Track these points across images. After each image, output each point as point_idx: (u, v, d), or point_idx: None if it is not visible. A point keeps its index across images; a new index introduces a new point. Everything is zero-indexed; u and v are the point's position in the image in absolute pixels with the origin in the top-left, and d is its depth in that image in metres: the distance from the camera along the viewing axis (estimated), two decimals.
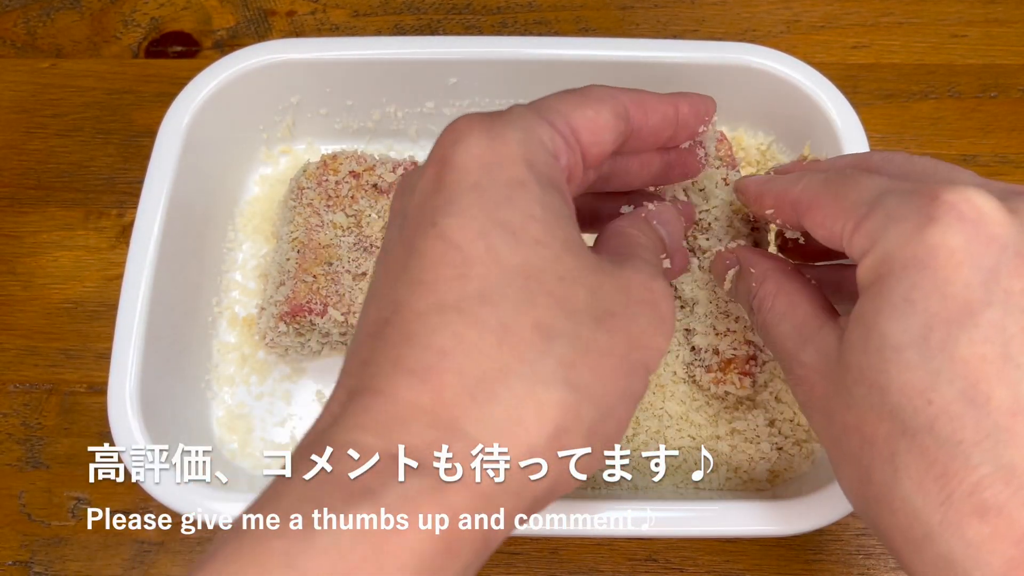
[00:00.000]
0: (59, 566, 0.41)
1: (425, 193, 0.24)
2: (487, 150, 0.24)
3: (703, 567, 0.41)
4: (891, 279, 0.24)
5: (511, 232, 0.23)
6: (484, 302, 0.22)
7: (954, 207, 0.23)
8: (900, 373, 0.23)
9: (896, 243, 0.24)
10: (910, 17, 0.54)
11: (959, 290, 0.23)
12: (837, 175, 0.28)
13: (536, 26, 0.54)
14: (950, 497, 0.22)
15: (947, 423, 0.22)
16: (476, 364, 0.22)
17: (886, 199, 0.25)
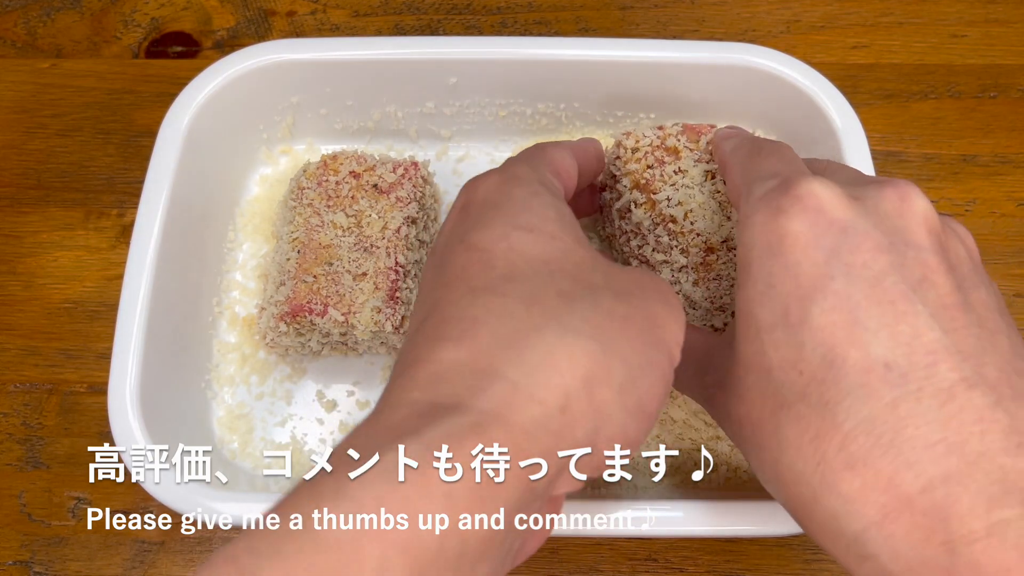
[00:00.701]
0: (59, 566, 0.41)
1: (451, 224, 0.28)
2: (502, 181, 0.28)
3: (703, 567, 0.41)
4: (753, 267, 0.27)
5: (529, 230, 0.26)
6: (509, 280, 0.25)
7: (799, 199, 0.26)
8: (775, 351, 0.26)
9: (753, 234, 0.27)
10: (910, 17, 0.54)
11: (807, 269, 0.25)
12: (755, 146, 0.31)
13: (536, 26, 0.54)
14: (824, 456, 0.24)
15: (815, 388, 0.25)
16: (507, 324, 0.23)
17: (755, 186, 0.28)
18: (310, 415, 0.42)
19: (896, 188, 0.27)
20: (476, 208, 0.28)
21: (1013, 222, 0.48)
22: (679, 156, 0.38)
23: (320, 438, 0.42)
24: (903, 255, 0.25)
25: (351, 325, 0.39)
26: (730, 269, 0.36)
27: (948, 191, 0.49)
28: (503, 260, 0.25)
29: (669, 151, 0.39)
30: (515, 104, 0.46)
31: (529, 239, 0.26)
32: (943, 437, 0.23)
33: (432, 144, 0.48)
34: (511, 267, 0.25)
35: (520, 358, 0.23)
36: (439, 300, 0.25)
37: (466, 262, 0.26)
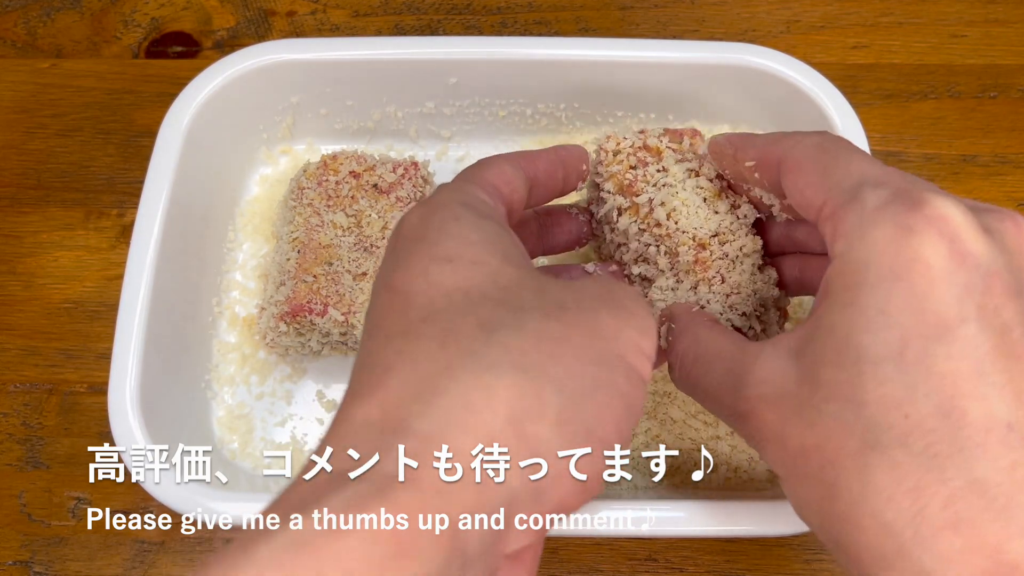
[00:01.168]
0: (59, 566, 0.41)
1: (381, 268, 0.26)
2: (424, 211, 0.26)
3: (703, 567, 0.41)
4: (865, 289, 0.24)
5: (447, 260, 0.24)
6: (425, 320, 0.23)
7: (933, 221, 0.23)
8: (877, 387, 0.23)
9: (872, 251, 0.24)
10: (910, 17, 0.54)
11: (935, 305, 0.23)
12: (833, 142, 0.28)
13: (536, 26, 0.54)
14: (923, 510, 0.22)
15: (921, 437, 0.23)
16: (418, 369, 0.22)
17: (866, 193, 0.25)
18: (310, 415, 0.42)
19: (1016, 223, 0.25)
20: (400, 245, 0.26)
21: None
22: (661, 156, 0.37)
23: (320, 438, 0.41)
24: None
25: (351, 325, 0.39)
26: (727, 266, 0.35)
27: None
28: (421, 299, 0.23)
29: (651, 151, 0.37)
30: (515, 104, 0.46)
31: (447, 270, 0.24)
32: None
33: (432, 144, 0.48)
34: (429, 304, 0.23)
35: (431, 406, 0.21)
36: (361, 351, 0.24)
37: (386, 307, 0.24)
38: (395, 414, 0.21)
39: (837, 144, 0.28)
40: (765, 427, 0.26)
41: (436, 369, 0.21)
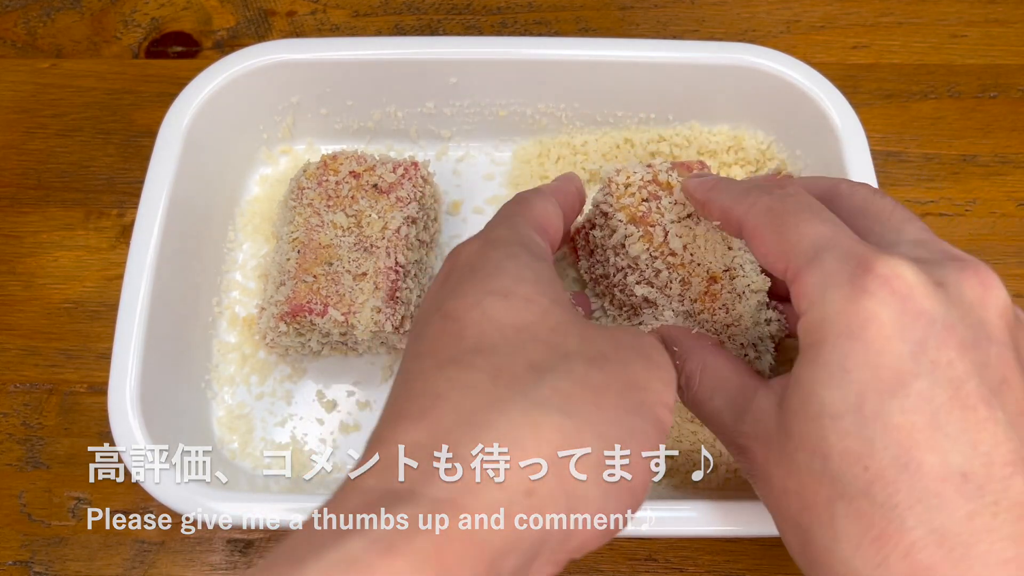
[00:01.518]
0: (59, 566, 0.41)
1: (433, 291, 0.27)
2: (483, 245, 0.28)
3: (703, 567, 0.41)
4: (826, 347, 0.25)
5: (502, 296, 0.25)
6: (478, 352, 0.24)
7: (886, 282, 0.24)
8: (839, 440, 0.24)
9: (831, 311, 0.25)
10: (910, 17, 0.54)
11: (890, 361, 0.24)
12: (782, 205, 0.29)
13: (536, 26, 0.54)
14: (886, 559, 0.23)
15: (882, 488, 0.23)
16: (470, 399, 0.22)
17: (825, 258, 0.26)
18: (310, 415, 0.42)
19: (977, 273, 0.26)
20: (456, 274, 0.27)
21: (1013, 222, 0.48)
22: (672, 190, 0.38)
23: (320, 438, 0.42)
24: (986, 352, 0.24)
25: (351, 325, 0.39)
26: (734, 300, 0.36)
27: (948, 191, 0.49)
28: (474, 329, 0.24)
29: (662, 186, 0.38)
30: (515, 104, 0.46)
31: (502, 306, 0.25)
32: (1017, 554, 0.22)
33: (432, 144, 0.48)
34: (481, 337, 0.24)
35: (479, 437, 0.21)
36: (410, 372, 0.24)
37: (438, 332, 0.25)
38: (445, 440, 0.21)
39: (786, 207, 0.29)
40: (755, 464, 0.28)
41: (487, 402, 0.22)
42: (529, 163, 0.47)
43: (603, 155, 0.46)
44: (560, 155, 0.47)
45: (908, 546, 0.23)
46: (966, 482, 0.23)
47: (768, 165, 0.46)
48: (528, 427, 0.22)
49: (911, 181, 0.49)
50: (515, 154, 0.48)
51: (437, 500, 0.20)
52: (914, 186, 0.49)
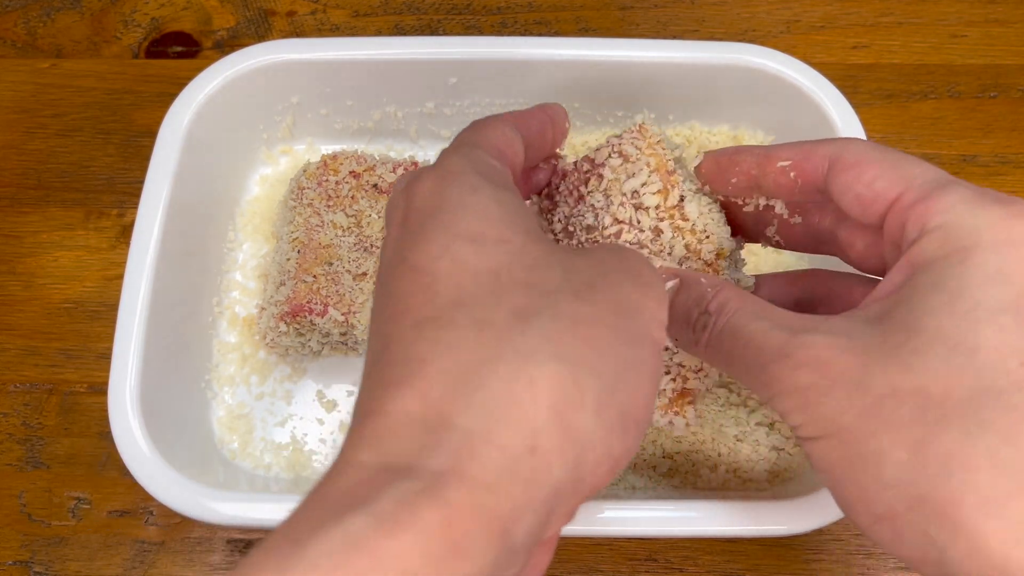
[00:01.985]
0: (59, 566, 0.41)
1: (392, 240, 0.25)
2: (437, 180, 0.25)
3: (703, 567, 0.41)
4: (979, 250, 0.25)
5: (471, 239, 0.23)
6: (457, 306, 0.22)
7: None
8: (995, 334, 0.24)
9: (985, 221, 0.25)
10: (910, 17, 0.54)
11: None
12: (885, 147, 0.29)
13: (536, 26, 0.54)
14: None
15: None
16: (457, 359, 0.21)
17: (957, 188, 0.26)
18: (310, 415, 0.42)
19: None
20: (415, 217, 0.25)
21: None
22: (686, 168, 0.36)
23: (320, 438, 0.42)
24: None
25: (351, 325, 0.39)
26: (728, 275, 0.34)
27: None
28: (447, 280, 0.23)
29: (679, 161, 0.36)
30: (515, 104, 0.46)
31: (472, 250, 0.23)
32: None
33: (432, 144, 0.48)
34: (457, 288, 0.22)
35: (473, 399, 0.20)
36: (387, 336, 0.23)
37: (409, 288, 0.23)
38: (437, 408, 0.20)
39: (891, 150, 0.29)
40: (835, 371, 0.25)
41: (475, 360, 0.21)
42: None
43: None
44: None
45: None
46: None
47: None
48: (522, 382, 0.21)
49: None
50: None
51: (438, 471, 0.19)
52: None
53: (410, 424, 0.20)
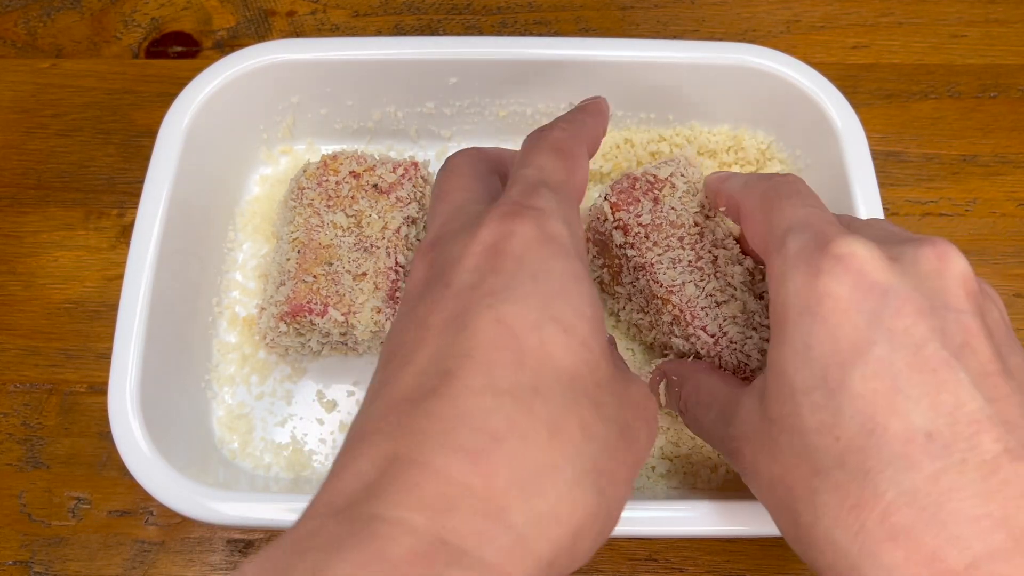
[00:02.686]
0: (59, 566, 0.41)
1: (479, 273, 0.24)
2: (539, 242, 0.25)
3: (703, 567, 0.41)
4: (789, 326, 0.26)
5: (564, 330, 0.24)
6: (536, 394, 0.22)
7: (840, 259, 0.26)
8: (811, 415, 0.25)
9: (791, 292, 0.26)
10: (910, 17, 0.54)
11: (847, 332, 0.25)
12: (775, 190, 0.30)
13: (536, 26, 0.54)
14: (864, 526, 0.24)
15: (853, 456, 0.24)
16: (528, 456, 0.22)
17: (790, 240, 0.27)
18: (310, 415, 0.42)
19: (934, 247, 0.26)
20: (511, 265, 0.24)
21: (1013, 222, 0.48)
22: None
23: (320, 438, 0.42)
24: (944, 319, 0.25)
25: (351, 325, 0.39)
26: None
27: (948, 191, 0.49)
28: (533, 360, 0.23)
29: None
30: (515, 104, 0.46)
31: (562, 341, 0.23)
32: (988, 512, 0.22)
33: (432, 144, 0.48)
34: (539, 374, 0.23)
35: (530, 503, 0.21)
36: (452, 376, 0.22)
37: (492, 341, 0.23)
38: (499, 498, 0.21)
39: (779, 191, 0.30)
40: (745, 462, 0.29)
41: (542, 464, 0.22)
42: None
43: (603, 155, 0.46)
44: None
45: (883, 510, 0.23)
46: (931, 441, 0.23)
47: (768, 165, 0.46)
48: (569, 503, 0.22)
49: (911, 181, 0.49)
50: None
51: (489, 564, 0.20)
52: (914, 186, 0.49)
53: (471, 503, 0.21)
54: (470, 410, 0.22)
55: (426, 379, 0.23)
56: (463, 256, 0.25)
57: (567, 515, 0.22)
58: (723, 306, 0.36)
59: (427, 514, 0.20)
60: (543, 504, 0.22)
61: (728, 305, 0.36)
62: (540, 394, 0.22)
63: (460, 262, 0.25)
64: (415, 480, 0.21)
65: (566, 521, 0.22)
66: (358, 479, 0.21)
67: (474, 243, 0.25)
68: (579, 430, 0.23)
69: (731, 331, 0.36)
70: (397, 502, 0.20)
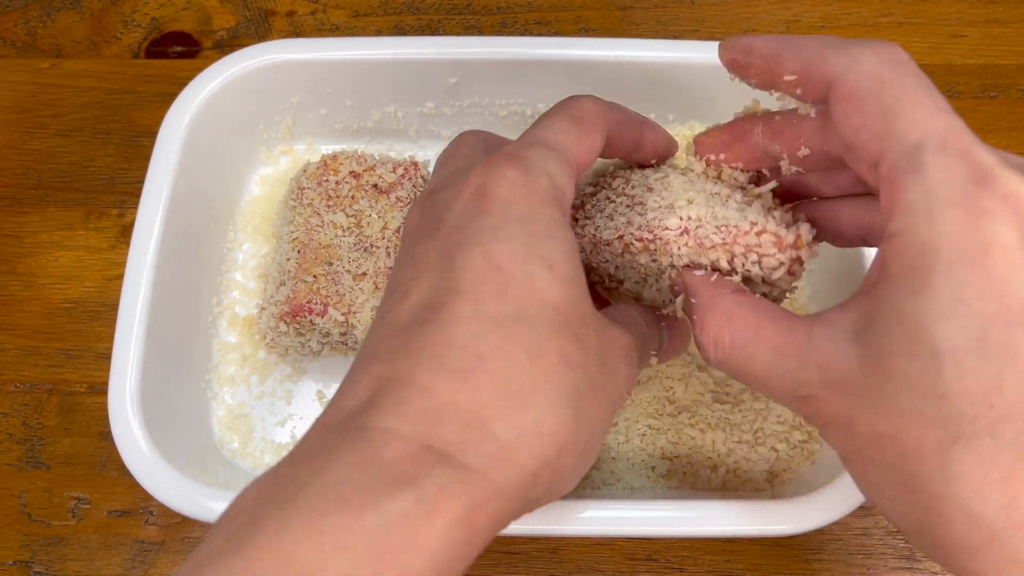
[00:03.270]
0: (59, 566, 0.41)
1: (468, 214, 0.26)
2: (525, 187, 0.26)
3: (703, 567, 0.41)
4: (936, 275, 0.22)
5: (549, 267, 0.25)
6: (520, 321, 0.24)
7: (1007, 200, 0.22)
8: (958, 379, 0.22)
9: (940, 234, 0.22)
10: (910, 17, 0.54)
11: (1016, 288, 0.22)
12: (894, 73, 0.25)
13: (536, 26, 0.54)
14: (1014, 500, 0.22)
15: (1010, 426, 0.22)
16: (511, 375, 0.23)
17: (929, 161, 0.23)
18: (310, 415, 0.42)
19: None
20: (498, 207, 0.26)
21: None
22: None
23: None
24: None
25: (351, 325, 0.39)
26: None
27: None
28: (518, 291, 0.24)
29: None
30: (515, 104, 0.46)
31: (547, 276, 0.25)
32: None
33: (432, 144, 0.48)
34: (524, 304, 0.24)
35: (513, 418, 0.23)
36: (441, 307, 0.24)
37: (479, 274, 0.25)
38: (482, 411, 0.23)
39: (898, 75, 0.25)
40: (829, 412, 0.25)
41: (524, 384, 0.23)
42: None
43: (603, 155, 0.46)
44: None
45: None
46: None
47: None
48: (552, 418, 0.23)
49: None
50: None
51: (472, 468, 0.22)
52: None
53: (455, 415, 0.23)
54: (457, 335, 0.24)
55: (418, 310, 0.25)
56: (454, 199, 0.27)
57: (548, 431, 0.23)
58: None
59: (415, 424, 0.22)
60: (525, 419, 0.23)
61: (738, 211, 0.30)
62: (523, 322, 0.24)
63: (451, 206, 0.27)
64: (405, 396, 0.23)
65: (548, 436, 0.23)
66: (354, 399, 0.23)
67: (464, 187, 0.27)
68: (560, 357, 0.24)
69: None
70: (388, 414, 0.22)
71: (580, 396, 0.24)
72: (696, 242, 0.30)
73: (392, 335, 0.25)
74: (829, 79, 0.26)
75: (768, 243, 0.29)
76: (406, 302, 0.25)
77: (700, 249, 0.30)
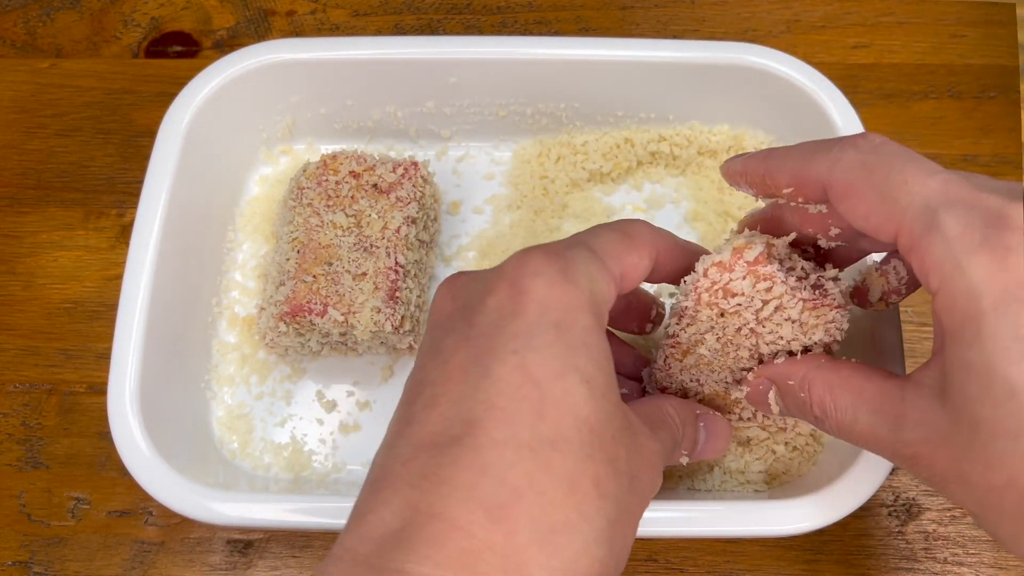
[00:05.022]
0: (59, 566, 0.41)
1: (501, 315, 0.25)
2: (563, 291, 0.25)
3: (703, 567, 0.41)
4: (989, 320, 0.23)
5: (585, 381, 0.24)
6: (555, 448, 0.23)
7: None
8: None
9: (977, 280, 0.23)
10: (910, 17, 0.54)
11: None
12: (876, 157, 0.26)
13: (536, 26, 0.54)
14: None
15: None
16: (547, 513, 0.23)
17: (942, 219, 0.24)
18: (310, 415, 0.42)
19: None
20: (534, 310, 0.25)
21: None
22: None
23: (320, 438, 0.42)
24: None
25: (351, 325, 0.39)
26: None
27: None
28: (554, 411, 0.23)
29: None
30: (515, 104, 0.46)
31: (584, 393, 0.24)
32: None
33: (432, 144, 0.48)
34: (559, 426, 0.23)
35: (550, 560, 0.22)
36: (476, 425, 0.23)
37: (515, 390, 0.23)
38: (519, 555, 0.22)
39: (880, 158, 0.26)
40: (940, 469, 0.25)
41: (560, 522, 0.23)
42: (529, 163, 0.47)
43: (603, 155, 0.46)
44: (560, 155, 0.47)
45: None
46: None
47: None
48: (587, 558, 0.23)
49: None
50: (515, 154, 0.48)
51: None
52: None
53: (492, 559, 0.22)
54: (491, 463, 0.23)
55: (450, 425, 0.24)
56: (486, 293, 0.26)
57: (583, 571, 0.23)
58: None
59: (451, 570, 0.21)
60: (561, 561, 0.22)
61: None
62: (559, 449, 0.23)
63: (483, 300, 0.25)
64: (439, 535, 0.22)
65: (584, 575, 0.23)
66: (382, 527, 0.22)
67: (498, 279, 0.26)
68: (594, 487, 0.23)
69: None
70: (422, 557, 0.21)
71: (612, 528, 0.24)
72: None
73: (421, 454, 0.23)
74: (821, 182, 0.27)
75: (839, 316, 0.30)
76: (435, 412, 0.24)
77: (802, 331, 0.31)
